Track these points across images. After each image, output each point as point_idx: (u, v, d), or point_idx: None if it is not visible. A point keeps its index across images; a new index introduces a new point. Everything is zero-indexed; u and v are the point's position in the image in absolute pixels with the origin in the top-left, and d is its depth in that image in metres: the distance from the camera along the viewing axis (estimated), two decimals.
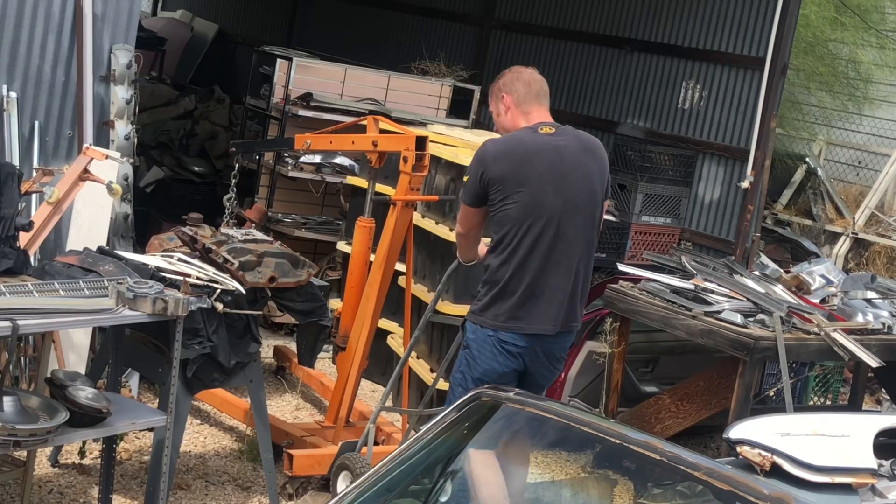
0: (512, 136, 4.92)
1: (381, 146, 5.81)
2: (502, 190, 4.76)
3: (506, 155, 4.82)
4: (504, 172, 4.77)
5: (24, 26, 6.06)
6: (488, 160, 4.81)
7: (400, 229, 5.78)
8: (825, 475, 3.37)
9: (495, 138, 5.03)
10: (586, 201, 4.88)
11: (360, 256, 5.95)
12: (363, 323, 5.83)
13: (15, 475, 4.90)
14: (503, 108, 4.98)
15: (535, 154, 4.81)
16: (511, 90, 4.96)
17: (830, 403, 7.77)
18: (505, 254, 4.80)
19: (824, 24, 11.36)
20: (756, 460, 3.38)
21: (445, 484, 3.81)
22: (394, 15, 11.85)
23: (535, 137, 4.85)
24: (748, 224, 8.56)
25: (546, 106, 4.99)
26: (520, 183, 4.76)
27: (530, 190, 4.76)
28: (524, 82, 4.97)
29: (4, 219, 4.61)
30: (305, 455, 5.64)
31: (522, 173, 4.77)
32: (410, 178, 5.68)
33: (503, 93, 4.98)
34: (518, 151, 4.82)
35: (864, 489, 3.43)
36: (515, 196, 4.75)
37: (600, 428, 3.48)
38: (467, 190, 4.90)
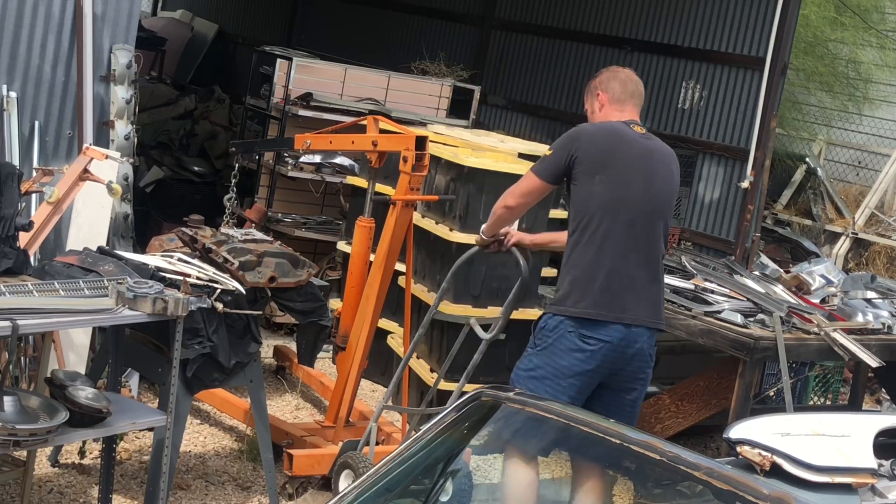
0: (608, 122, 4.88)
1: (380, 146, 5.81)
2: (591, 169, 4.68)
3: (602, 136, 4.79)
4: (598, 152, 4.71)
5: (24, 26, 6.06)
6: (583, 137, 4.76)
7: (400, 229, 5.78)
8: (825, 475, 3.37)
9: (590, 122, 4.98)
10: (665, 205, 4.85)
11: (359, 256, 5.95)
12: (363, 323, 5.83)
13: (15, 475, 4.90)
14: (598, 106, 4.96)
15: (629, 144, 4.78)
16: (606, 88, 4.94)
17: (830, 403, 7.77)
18: (588, 235, 4.67)
19: (824, 24, 11.36)
20: (756, 460, 3.38)
21: (445, 484, 3.81)
22: (394, 15, 11.86)
23: (629, 131, 4.84)
24: (748, 224, 8.56)
25: (639, 108, 4.97)
26: (612, 165, 4.70)
27: (621, 175, 4.69)
28: (620, 81, 4.96)
29: (4, 219, 4.61)
30: (305, 455, 5.64)
31: (616, 157, 4.72)
32: (410, 178, 5.67)
33: (598, 90, 4.96)
34: (613, 137, 4.79)
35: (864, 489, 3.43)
36: (605, 177, 4.68)
37: (600, 428, 3.48)
38: (548, 163, 4.79)
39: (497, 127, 10.30)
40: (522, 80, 10.54)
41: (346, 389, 5.92)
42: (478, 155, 6.69)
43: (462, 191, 6.48)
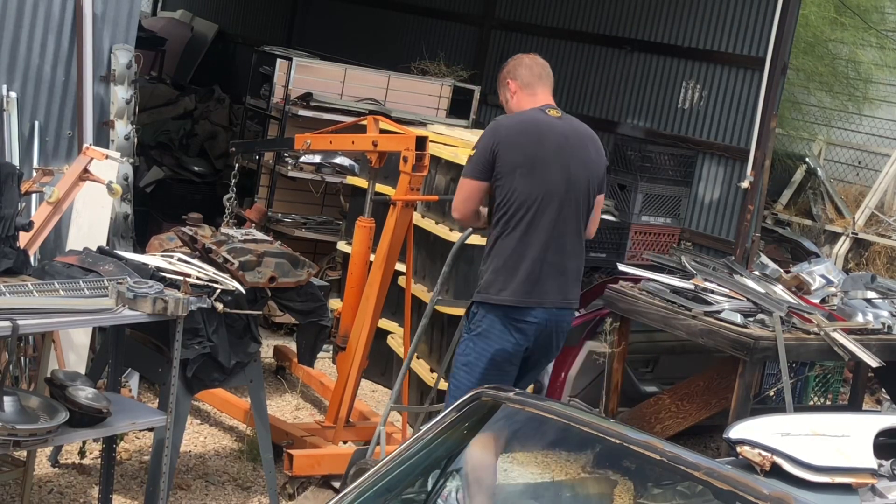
0: (524, 113, 5.01)
1: (381, 146, 5.81)
2: (512, 163, 4.83)
3: (519, 130, 4.92)
4: (517, 145, 4.86)
5: (24, 26, 6.06)
6: (501, 132, 4.90)
7: (400, 229, 5.78)
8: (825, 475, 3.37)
9: (507, 115, 5.10)
10: (584, 188, 4.99)
11: (360, 256, 5.95)
12: (363, 323, 5.83)
13: (15, 475, 4.90)
14: (509, 95, 5.08)
15: (546, 134, 4.92)
16: (515, 75, 5.06)
17: (830, 403, 7.77)
18: (511, 228, 4.86)
19: (824, 24, 11.36)
20: (756, 460, 3.38)
21: (445, 484, 3.81)
22: (394, 15, 11.85)
23: (545, 118, 4.96)
24: (748, 224, 8.56)
25: (550, 88, 5.09)
26: (531, 159, 4.85)
27: (541, 167, 4.85)
28: (526, 66, 5.08)
29: (4, 219, 4.61)
30: (305, 455, 5.64)
31: (534, 150, 4.87)
32: (410, 178, 5.68)
33: (507, 79, 5.09)
34: (531, 128, 4.93)
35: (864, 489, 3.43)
36: (525, 170, 4.83)
37: (600, 428, 3.48)
38: (475, 162, 4.93)
39: None
40: None
41: (347, 389, 5.92)
42: None
43: None
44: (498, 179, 4.87)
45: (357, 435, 6.00)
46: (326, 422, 6.07)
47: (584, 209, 5.01)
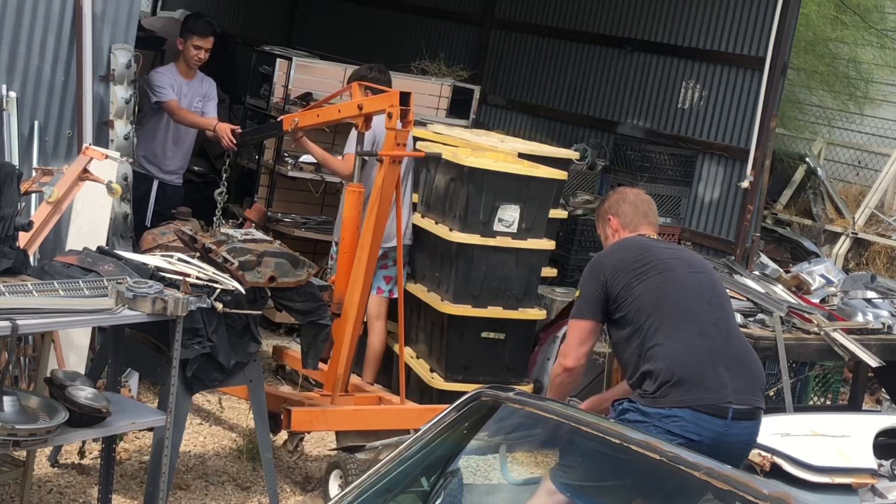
0: (622, 240, 4.76)
1: (366, 108, 5.83)
2: (628, 282, 4.49)
3: (620, 250, 4.65)
4: (626, 263, 4.55)
5: (24, 26, 6.05)
6: (605, 262, 4.60)
7: (388, 186, 5.79)
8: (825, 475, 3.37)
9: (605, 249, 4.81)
10: (713, 280, 4.68)
11: (351, 222, 5.95)
12: (356, 286, 5.83)
13: (14, 475, 4.89)
14: (610, 231, 4.83)
15: (653, 247, 4.67)
16: (617, 212, 4.81)
17: (830, 403, 7.77)
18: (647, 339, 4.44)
19: (824, 23, 11.37)
20: (756, 460, 3.38)
21: (445, 484, 3.81)
22: (394, 15, 11.85)
23: (645, 239, 4.72)
24: (748, 224, 8.56)
25: (655, 225, 4.83)
26: (642, 266, 4.53)
27: (655, 266, 4.54)
28: (630, 203, 4.82)
29: (4, 218, 4.60)
30: (304, 411, 5.61)
31: (641, 260, 4.56)
32: (396, 134, 5.70)
33: (609, 215, 4.83)
34: (633, 244, 4.67)
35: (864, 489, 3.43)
36: (640, 275, 4.50)
37: (600, 428, 3.48)
38: (585, 301, 4.58)
39: (497, 127, 10.30)
40: (522, 80, 10.53)
41: (342, 355, 5.91)
42: (478, 155, 6.69)
43: (462, 190, 6.48)
44: (623, 309, 4.49)
45: (355, 401, 6.03)
46: (324, 390, 6.07)
47: (730, 303, 4.65)
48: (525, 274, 6.60)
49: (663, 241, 4.82)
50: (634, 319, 4.44)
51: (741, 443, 4.31)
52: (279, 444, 5.90)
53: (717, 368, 4.35)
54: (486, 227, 6.46)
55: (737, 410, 4.29)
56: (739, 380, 4.36)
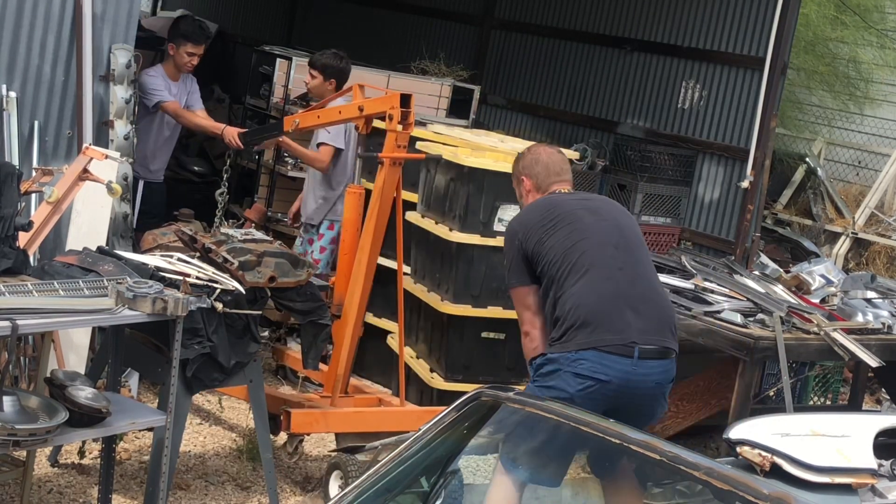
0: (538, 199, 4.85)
1: (367, 110, 5.83)
2: (541, 238, 4.60)
3: (529, 214, 4.76)
4: (536, 223, 4.65)
5: (24, 26, 6.05)
6: (515, 226, 4.74)
7: (388, 188, 5.79)
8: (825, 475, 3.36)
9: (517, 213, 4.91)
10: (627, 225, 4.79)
11: (351, 223, 5.95)
12: (356, 288, 5.83)
13: (14, 475, 4.90)
14: (524, 191, 4.92)
15: (561, 201, 4.76)
16: (530, 173, 4.90)
17: (830, 403, 7.77)
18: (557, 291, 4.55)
19: (824, 23, 11.36)
20: (756, 460, 3.37)
21: (445, 484, 3.81)
22: (394, 15, 11.85)
23: (556, 196, 4.81)
24: (748, 224, 8.56)
25: (568, 182, 4.90)
26: (553, 220, 4.63)
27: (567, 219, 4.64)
28: (543, 164, 4.89)
29: (4, 218, 4.60)
30: (303, 413, 5.62)
31: (552, 215, 4.66)
32: (397, 136, 5.70)
33: (522, 176, 4.92)
34: (541, 204, 4.77)
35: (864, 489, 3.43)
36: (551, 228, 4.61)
37: (600, 428, 3.48)
38: (511, 268, 4.69)
39: (497, 127, 10.30)
40: (522, 80, 10.53)
41: (342, 356, 5.91)
42: (478, 155, 6.69)
43: (462, 190, 6.48)
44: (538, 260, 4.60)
45: (355, 403, 6.02)
46: (324, 392, 6.07)
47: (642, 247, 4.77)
48: None
49: (575, 193, 4.90)
50: (548, 272, 4.57)
51: (651, 382, 4.45)
52: (279, 444, 5.90)
53: (622, 310, 4.47)
54: (486, 227, 6.46)
55: (643, 350, 4.42)
56: (646, 320, 4.50)
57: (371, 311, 6.63)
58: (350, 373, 6.07)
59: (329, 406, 5.84)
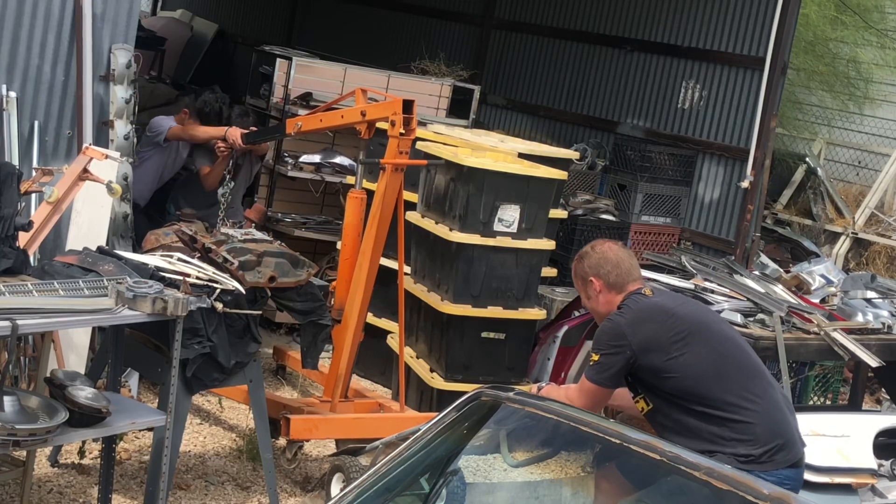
0: (629, 307, 4.53)
1: (369, 115, 5.83)
2: (660, 352, 4.37)
3: (638, 321, 4.45)
4: (650, 335, 4.40)
5: (24, 26, 6.05)
6: (626, 332, 4.41)
7: (390, 194, 5.78)
8: (825, 475, 3.37)
9: (616, 313, 4.55)
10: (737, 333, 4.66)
11: (352, 228, 5.95)
12: (357, 293, 5.83)
13: (14, 475, 4.89)
14: (594, 293, 4.63)
15: (665, 307, 4.51)
16: (598, 273, 4.61)
17: (830, 403, 7.77)
18: (727, 412, 4.32)
19: (824, 23, 11.37)
20: None
21: (445, 484, 3.81)
22: (394, 15, 11.85)
23: (651, 299, 4.55)
24: (748, 224, 8.56)
25: (640, 278, 4.65)
26: (673, 336, 4.39)
27: (689, 339, 4.39)
28: (611, 263, 4.60)
29: (4, 218, 4.60)
30: (302, 419, 5.61)
31: (668, 328, 4.41)
32: (399, 142, 5.69)
33: (591, 276, 4.62)
34: (646, 311, 4.49)
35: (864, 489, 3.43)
36: (679, 347, 4.36)
37: (600, 428, 3.48)
38: (605, 369, 4.44)
39: (497, 127, 10.30)
40: (522, 80, 10.54)
41: (343, 361, 5.90)
42: (478, 155, 6.69)
43: (462, 190, 6.48)
44: (660, 373, 4.37)
45: (355, 408, 6.02)
46: (324, 396, 6.07)
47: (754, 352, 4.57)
48: (525, 274, 6.60)
49: (665, 295, 4.68)
50: (687, 387, 4.33)
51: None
52: (278, 447, 5.88)
53: (790, 419, 4.36)
54: (486, 227, 6.46)
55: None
56: (796, 423, 4.39)
57: (371, 311, 6.62)
58: (350, 376, 6.06)
59: (329, 412, 5.83)
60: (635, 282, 4.60)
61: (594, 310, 4.68)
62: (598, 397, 4.51)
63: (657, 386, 4.38)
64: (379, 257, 5.89)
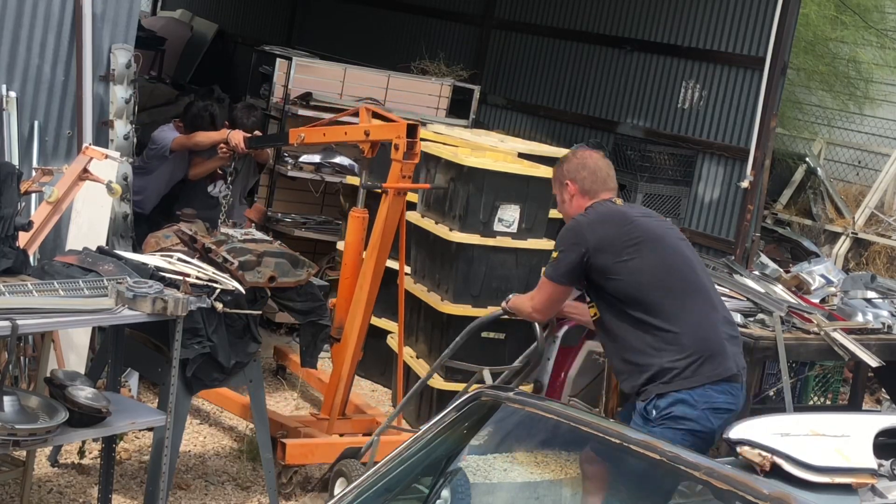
0: (594, 209, 4.70)
1: (372, 135, 5.82)
2: (612, 255, 4.52)
3: (599, 222, 4.62)
4: (607, 238, 4.56)
5: (24, 26, 6.05)
6: (585, 231, 4.59)
7: (392, 218, 5.77)
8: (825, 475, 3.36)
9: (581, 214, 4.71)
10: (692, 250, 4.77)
11: (353, 247, 5.95)
12: (357, 314, 5.83)
13: (14, 475, 4.90)
14: (567, 196, 4.80)
15: (634, 217, 4.67)
16: (575, 178, 4.77)
17: (830, 403, 7.77)
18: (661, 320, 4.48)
19: (824, 23, 11.37)
20: (756, 460, 3.37)
21: (445, 484, 3.81)
22: (394, 15, 11.86)
23: (616, 205, 4.73)
24: (748, 224, 8.56)
25: (614, 191, 4.81)
26: (628, 242, 4.54)
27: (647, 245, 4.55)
28: (588, 169, 4.77)
29: (4, 218, 4.60)
30: (298, 444, 5.62)
31: (625, 234, 4.57)
32: (402, 166, 5.68)
33: (567, 180, 4.78)
34: (608, 216, 4.65)
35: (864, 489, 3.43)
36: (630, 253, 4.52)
37: (600, 428, 3.48)
38: (561, 266, 4.62)
39: (497, 127, 10.30)
40: (522, 80, 10.54)
41: (342, 381, 5.91)
42: (477, 154, 6.69)
43: (462, 190, 6.48)
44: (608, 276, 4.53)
45: (353, 427, 6.00)
46: (322, 414, 6.06)
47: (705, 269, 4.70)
48: (525, 274, 6.59)
49: (635, 207, 4.88)
50: (629, 293, 4.51)
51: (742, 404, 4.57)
52: None
53: (724, 338, 4.55)
54: (486, 227, 6.46)
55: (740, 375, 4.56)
56: (737, 345, 4.62)
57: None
58: (349, 393, 6.06)
59: (325, 434, 5.82)
60: (608, 191, 4.80)
61: (566, 214, 4.85)
62: (554, 294, 4.71)
63: (603, 287, 4.57)
64: (380, 279, 5.89)
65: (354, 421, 6.07)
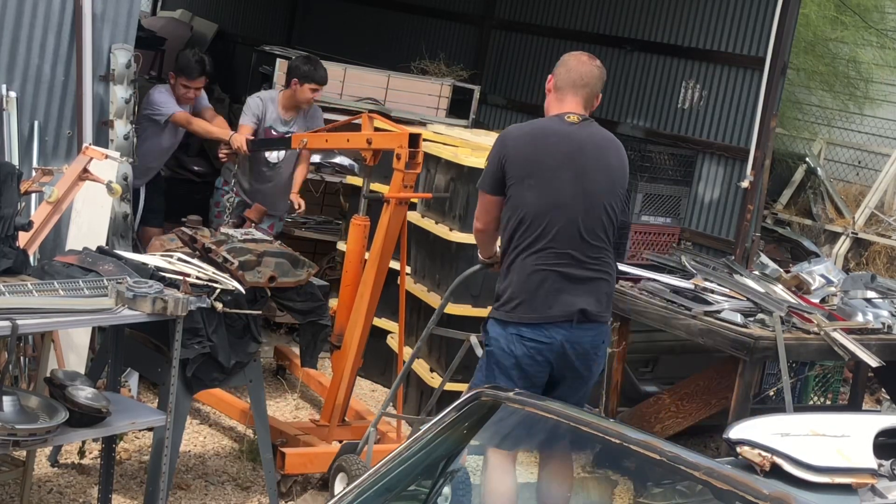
0: (536, 121, 4.89)
1: (375, 144, 5.82)
2: (521, 175, 4.67)
3: (526, 140, 4.75)
4: (523, 156, 4.69)
5: (24, 26, 6.05)
6: (509, 143, 4.75)
7: (394, 227, 5.77)
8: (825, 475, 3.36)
9: (520, 123, 4.98)
10: (602, 198, 4.75)
11: (354, 255, 5.95)
12: (357, 321, 5.83)
13: (14, 475, 4.90)
14: (547, 89, 4.91)
15: (556, 144, 4.72)
16: (555, 72, 4.87)
17: (830, 403, 7.77)
18: (526, 242, 4.68)
19: (824, 23, 11.37)
20: (756, 460, 3.37)
21: (445, 484, 3.81)
22: (394, 15, 11.85)
23: (559, 125, 4.76)
24: (748, 224, 8.56)
25: (581, 97, 4.81)
26: (539, 170, 4.67)
27: (550, 179, 4.66)
28: (567, 67, 4.83)
29: (4, 218, 4.60)
30: (297, 453, 5.62)
31: (542, 161, 4.68)
32: (404, 176, 5.68)
33: (551, 74, 4.90)
34: (539, 136, 4.75)
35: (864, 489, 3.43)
36: (533, 181, 4.66)
37: (600, 428, 3.48)
38: (486, 175, 4.81)
39: (497, 127, 10.29)
40: (522, 80, 10.53)
41: (342, 387, 5.91)
42: (478, 154, 6.69)
43: (462, 190, 6.48)
44: (509, 189, 4.70)
45: (352, 434, 6.00)
46: (321, 420, 6.06)
47: (606, 218, 4.77)
48: None
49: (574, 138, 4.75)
50: (512, 220, 4.70)
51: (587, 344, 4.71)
52: None
53: (562, 293, 4.68)
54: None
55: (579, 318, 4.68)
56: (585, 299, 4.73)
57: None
58: (349, 400, 6.05)
59: (324, 443, 5.82)
60: (576, 99, 4.80)
61: (546, 109, 4.91)
62: (484, 203, 4.83)
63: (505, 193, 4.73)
64: (381, 288, 5.88)
65: (354, 427, 6.06)
